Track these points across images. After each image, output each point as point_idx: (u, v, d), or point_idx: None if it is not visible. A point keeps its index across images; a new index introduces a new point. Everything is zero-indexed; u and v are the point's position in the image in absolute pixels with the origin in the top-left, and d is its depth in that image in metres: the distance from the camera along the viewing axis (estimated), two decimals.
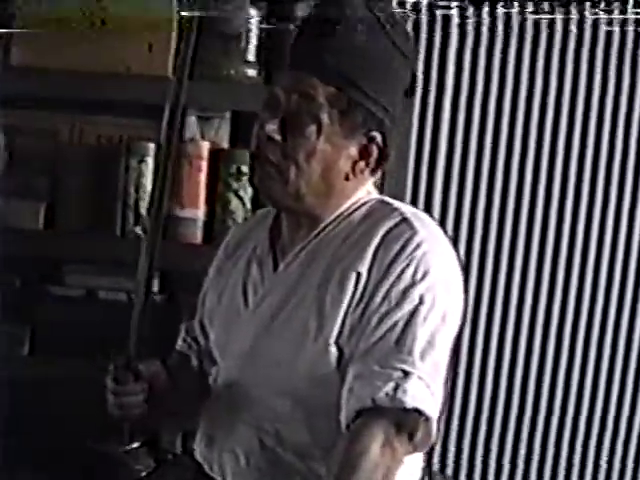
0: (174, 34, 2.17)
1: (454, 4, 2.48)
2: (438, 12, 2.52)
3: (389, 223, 1.49)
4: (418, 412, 1.40)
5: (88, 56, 2.17)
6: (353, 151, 1.51)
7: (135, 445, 2.23)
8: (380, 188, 2.19)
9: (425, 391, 1.41)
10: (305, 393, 1.52)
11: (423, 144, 2.56)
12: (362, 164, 1.52)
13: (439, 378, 1.45)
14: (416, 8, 2.49)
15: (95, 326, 2.29)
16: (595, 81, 2.54)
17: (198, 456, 1.70)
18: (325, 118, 1.47)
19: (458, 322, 1.51)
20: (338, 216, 1.55)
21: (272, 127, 1.48)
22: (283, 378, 1.53)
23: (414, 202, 2.53)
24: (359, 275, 1.46)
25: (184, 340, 1.84)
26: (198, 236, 2.20)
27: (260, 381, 1.56)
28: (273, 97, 1.51)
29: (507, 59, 2.54)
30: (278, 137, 1.48)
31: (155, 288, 2.31)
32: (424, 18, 2.52)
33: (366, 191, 1.59)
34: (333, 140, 1.48)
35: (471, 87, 2.55)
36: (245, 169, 2.15)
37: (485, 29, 2.52)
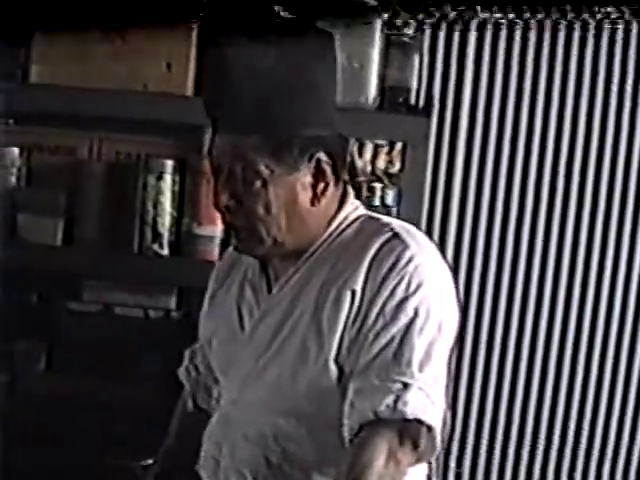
0: (193, 53, 2.18)
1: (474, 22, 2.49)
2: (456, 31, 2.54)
3: (380, 239, 1.50)
4: (420, 422, 1.41)
5: (107, 74, 2.19)
6: (306, 179, 1.51)
7: (151, 461, 2.25)
8: (397, 208, 2.25)
9: (426, 401, 1.43)
10: (308, 411, 1.53)
11: (439, 167, 2.56)
12: (321, 185, 1.53)
13: (439, 388, 1.47)
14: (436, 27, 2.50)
15: (111, 342, 2.31)
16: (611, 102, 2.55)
17: (203, 477, 1.70)
18: (262, 168, 1.48)
19: (454, 331, 1.53)
20: (329, 235, 1.56)
21: (224, 200, 1.51)
22: (286, 397, 1.54)
23: (429, 225, 2.54)
24: (354, 293, 1.48)
25: (186, 367, 1.85)
26: (215, 253, 2.20)
27: (263, 401, 1.57)
28: (215, 168, 1.53)
29: (523, 80, 2.55)
30: (234, 205, 1.51)
31: (172, 305, 2.32)
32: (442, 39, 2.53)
33: (353, 206, 1.60)
34: (280, 183, 1.49)
35: (487, 107, 2.56)
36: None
37: (502, 51, 2.53)
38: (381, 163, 2.35)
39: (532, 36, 2.54)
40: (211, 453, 1.66)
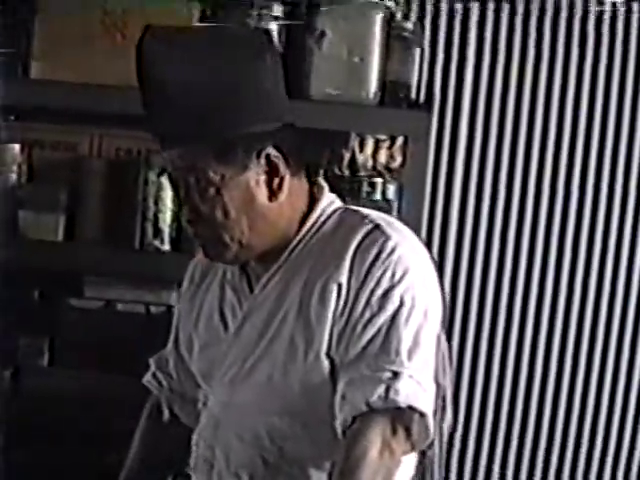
0: None
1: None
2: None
3: (361, 231, 1.51)
4: (412, 409, 1.43)
5: (107, 70, 2.19)
6: (259, 177, 1.50)
7: None
8: (398, 203, 2.24)
9: (417, 388, 1.44)
10: (302, 407, 1.53)
11: (440, 161, 2.57)
12: (276, 180, 1.51)
13: (429, 374, 1.48)
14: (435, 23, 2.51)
15: (113, 338, 2.31)
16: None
17: None
18: (212, 175, 1.47)
19: (439, 316, 1.55)
20: (307, 231, 1.56)
21: (186, 213, 1.52)
22: (279, 396, 1.54)
23: (431, 220, 2.54)
24: (340, 286, 1.48)
25: (154, 376, 1.82)
26: None
27: (255, 402, 1.56)
28: (174, 184, 1.54)
29: (524, 77, 2.55)
30: (195, 217, 1.51)
31: (174, 300, 2.32)
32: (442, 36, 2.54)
33: (329, 200, 1.60)
34: (233, 186, 1.49)
35: (488, 101, 2.56)
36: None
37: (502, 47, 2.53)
38: (382, 158, 2.35)
39: (532, 29, 2.54)
40: (203, 456, 1.64)
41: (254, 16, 2.17)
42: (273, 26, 2.17)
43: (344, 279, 1.48)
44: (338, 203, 1.61)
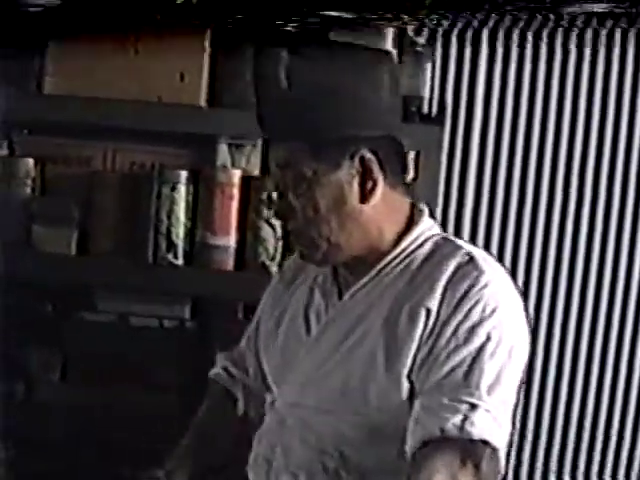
0: (206, 64, 2.19)
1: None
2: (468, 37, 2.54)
3: (456, 261, 1.53)
4: (485, 443, 1.43)
5: (120, 85, 2.20)
6: (352, 178, 1.53)
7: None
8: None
9: (492, 423, 1.45)
10: (374, 421, 1.55)
11: (452, 175, 2.56)
12: (369, 184, 1.54)
13: (506, 412, 1.49)
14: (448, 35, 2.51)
15: (126, 352, 2.31)
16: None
17: (251, 478, 1.71)
18: (306, 170, 1.53)
19: (524, 359, 1.55)
20: (402, 250, 1.58)
21: (279, 207, 1.60)
22: (352, 405, 1.56)
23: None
24: (429, 311, 1.50)
25: (226, 370, 1.85)
26: (229, 263, 2.21)
27: (326, 406, 1.58)
28: (275, 183, 1.61)
29: (536, 85, 2.55)
30: (288, 212, 1.57)
31: (187, 314, 2.33)
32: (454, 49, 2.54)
33: (428, 224, 1.62)
34: (325, 182, 1.53)
35: (499, 114, 2.56)
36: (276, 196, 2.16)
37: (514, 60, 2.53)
38: None
39: (544, 43, 2.54)
40: (264, 455, 1.67)
41: None
42: None
43: (434, 305, 1.50)
44: (436, 229, 1.64)
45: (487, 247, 2.58)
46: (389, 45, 2.17)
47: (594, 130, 2.56)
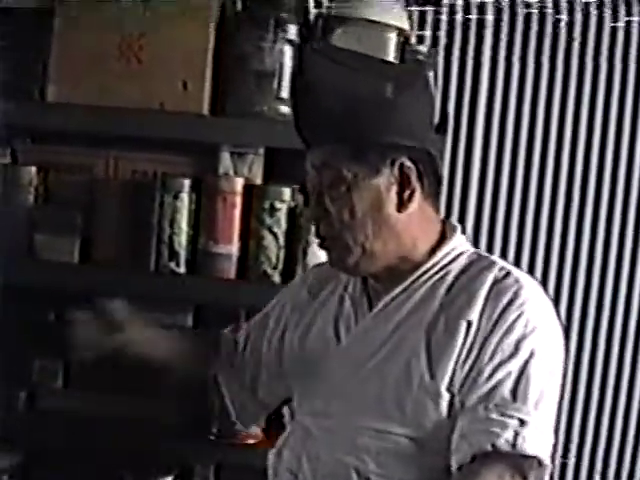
0: (209, 72, 2.19)
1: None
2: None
3: (493, 275, 1.54)
4: (534, 459, 1.45)
5: (123, 93, 2.20)
6: (390, 185, 1.54)
7: (169, 478, 2.26)
8: None
9: (541, 439, 1.47)
10: (413, 433, 1.54)
11: (454, 183, 2.57)
12: (407, 192, 1.55)
13: (550, 427, 1.50)
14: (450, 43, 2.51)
15: (129, 360, 2.31)
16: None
17: None
18: (346, 173, 1.54)
19: (561, 375, 1.57)
20: (435, 263, 1.58)
21: (314, 212, 1.59)
22: (388, 416, 1.55)
23: None
24: (469, 323, 1.50)
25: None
26: (232, 271, 2.21)
27: (360, 414, 1.57)
28: (308, 189, 1.61)
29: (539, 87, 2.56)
30: (323, 215, 1.57)
31: (189, 323, 2.33)
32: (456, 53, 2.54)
33: (460, 240, 1.63)
34: (364, 187, 1.54)
35: (501, 123, 2.56)
36: (279, 205, 2.17)
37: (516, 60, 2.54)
38: None
39: (546, 50, 2.55)
40: (287, 467, 1.66)
41: (269, 39, 2.19)
42: (287, 49, 2.19)
43: (475, 318, 1.51)
44: (468, 246, 1.65)
45: (489, 252, 2.59)
46: (391, 54, 2.17)
47: (596, 135, 2.57)
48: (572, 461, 2.67)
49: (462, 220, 2.59)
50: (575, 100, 2.57)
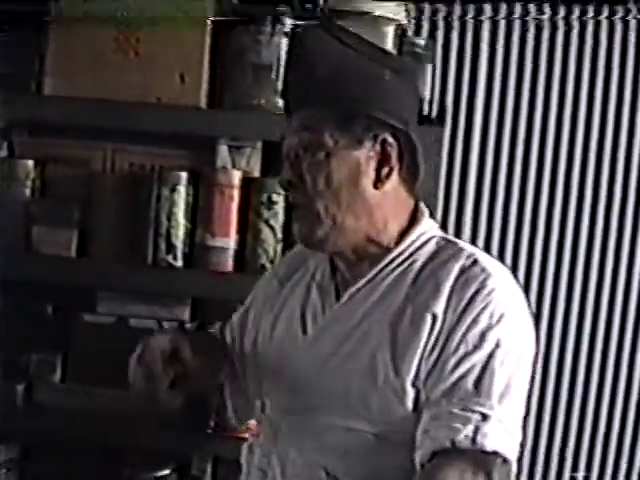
0: (206, 65, 2.19)
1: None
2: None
3: (459, 263, 1.51)
4: (497, 455, 1.41)
5: (120, 86, 2.19)
6: (370, 159, 1.52)
7: (166, 472, 2.25)
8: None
9: (504, 434, 1.42)
10: (379, 428, 1.50)
11: (452, 175, 2.57)
12: (385, 169, 1.53)
13: (517, 421, 1.46)
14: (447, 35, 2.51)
15: (126, 353, 2.31)
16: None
17: None
18: (327, 138, 1.51)
19: (530, 366, 1.53)
20: (403, 250, 1.55)
21: (287, 174, 1.55)
22: (354, 411, 1.51)
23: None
24: (435, 316, 1.47)
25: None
26: (229, 264, 2.21)
27: (326, 411, 1.53)
28: (286, 152, 1.57)
29: (537, 83, 2.55)
30: (297, 181, 1.53)
31: (186, 316, 2.33)
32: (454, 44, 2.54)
33: (429, 225, 1.60)
34: (344, 156, 1.52)
35: (500, 115, 2.56)
36: (276, 198, 2.16)
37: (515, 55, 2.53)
38: None
39: (544, 43, 2.55)
40: (258, 465, 1.63)
41: (266, 32, 2.18)
42: (284, 42, 2.18)
43: (440, 310, 1.47)
44: (437, 230, 1.62)
45: (488, 248, 2.59)
46: (389, 46, 2.17)
47: (595, 127, 2.57)
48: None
49: (460, 211, 2.59)
50: (573, 99, 2.57)
